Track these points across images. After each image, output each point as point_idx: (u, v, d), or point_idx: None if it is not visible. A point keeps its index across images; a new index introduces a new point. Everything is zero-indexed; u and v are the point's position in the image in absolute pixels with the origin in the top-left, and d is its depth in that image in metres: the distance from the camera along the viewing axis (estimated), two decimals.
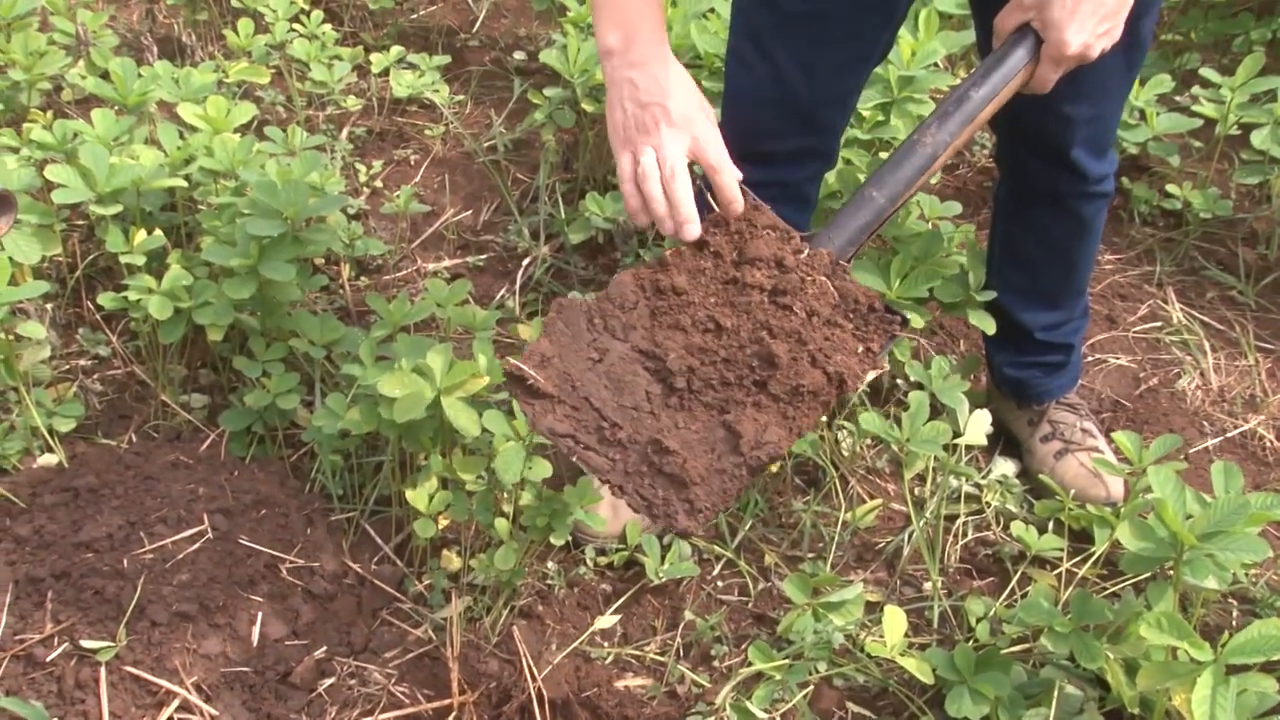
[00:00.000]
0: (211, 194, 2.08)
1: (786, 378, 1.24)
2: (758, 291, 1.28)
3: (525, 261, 2.41)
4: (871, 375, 1.96)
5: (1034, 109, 1.65)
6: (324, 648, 1.63)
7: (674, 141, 1.31)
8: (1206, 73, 2.55)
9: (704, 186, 1.39)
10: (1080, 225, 1.84)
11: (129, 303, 1.86)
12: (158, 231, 1.96)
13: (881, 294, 1.34)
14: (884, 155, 2.18)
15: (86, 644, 1.54)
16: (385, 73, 2.92)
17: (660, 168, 1.31)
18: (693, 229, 1.31)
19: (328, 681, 1.60)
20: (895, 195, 1.35)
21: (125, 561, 1.62)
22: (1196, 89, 2.60)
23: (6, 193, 1.18)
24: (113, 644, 1.54)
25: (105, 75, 2.39)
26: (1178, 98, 2.82)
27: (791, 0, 1.54)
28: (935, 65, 2.25)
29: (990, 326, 1.98)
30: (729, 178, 1.33)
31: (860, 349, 1.28)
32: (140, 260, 1.90)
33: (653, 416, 1.25)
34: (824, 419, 1.34)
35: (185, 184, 2.00)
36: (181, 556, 1.64)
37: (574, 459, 1.26)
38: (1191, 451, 2.09)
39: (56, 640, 1.54)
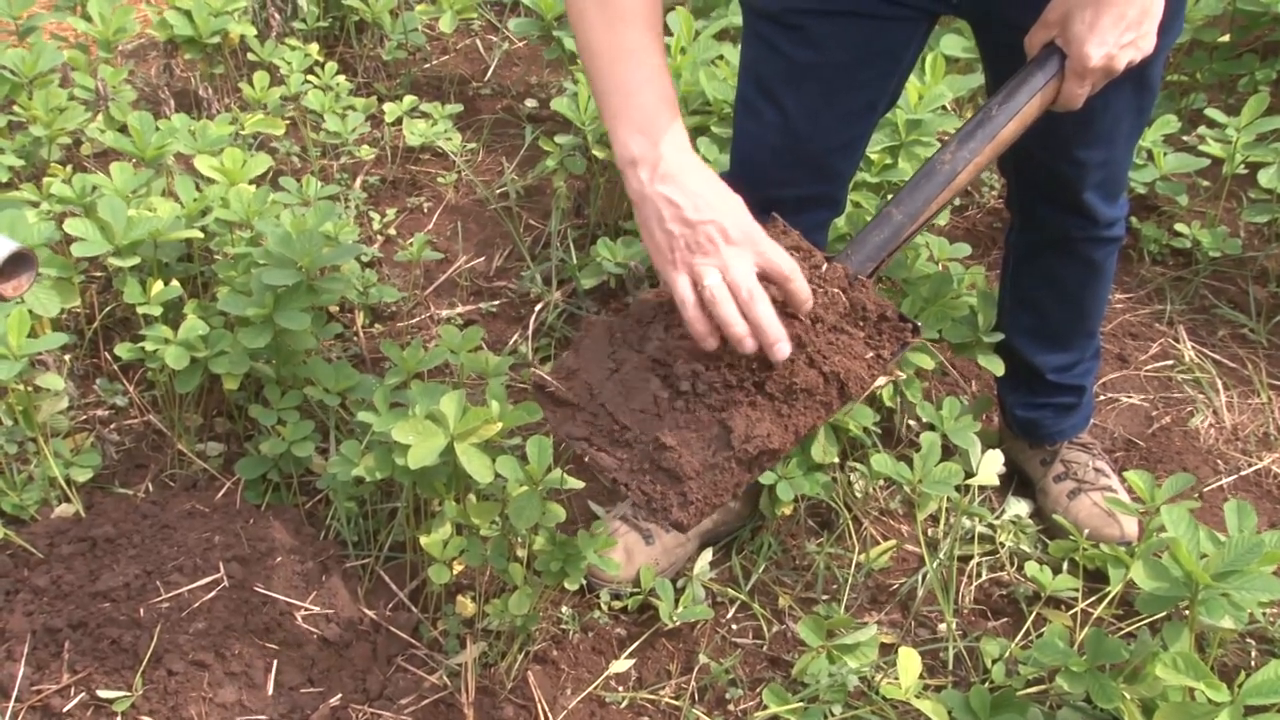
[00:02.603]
0: (227, 244, 2.11)
1: (782, 377, 1.26)
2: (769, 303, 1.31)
3: (538, 307, 2.44)
4: (881, 381, 1.96)
5: (1046, 154, 1.67)
6: (339, 695, 1.63)
7: (741, 260, 1.21)
8: (1212, 113, 2.57)
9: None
10: (1092, 270, 1.85)
11: (146, 353, 1.88)
12: (174, 282, 1.99)
13: (894, 303, 1.34)
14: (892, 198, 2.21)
15: (103, 694, 1.55)
16: (398, 122, 2.97)
17: (735, 291, 1.20)
18: (784, 348, 1.21)
19: None
20: (915, 213, 1.35)
21: (142, 610, 1.64)
22: (1203, 129, 2.62)
23: (28, 251, 1.21)
24: (129, 693, 1.55)
25: (124, 129, 2.43)
26: (1185, 138, 2.85)
27: (800, 50, 1.56)
28: (942, 108, 2.27)
29: (999, 368, 1.99)
30: (800, 282, 1.24)
31: (870, 355, 1.29)
32: (157, 311, 1.93)
33: (658, 418, 1.29)
34: (825, 422, 1.33)
35: (201, 235, 2.03)
36: (197, 605, 1.65)
37: (586, 459, 1.30)
38: (1205, 490, 2.09)
39: (73, 690, 1.55)
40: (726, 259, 1.21)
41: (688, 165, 1.23)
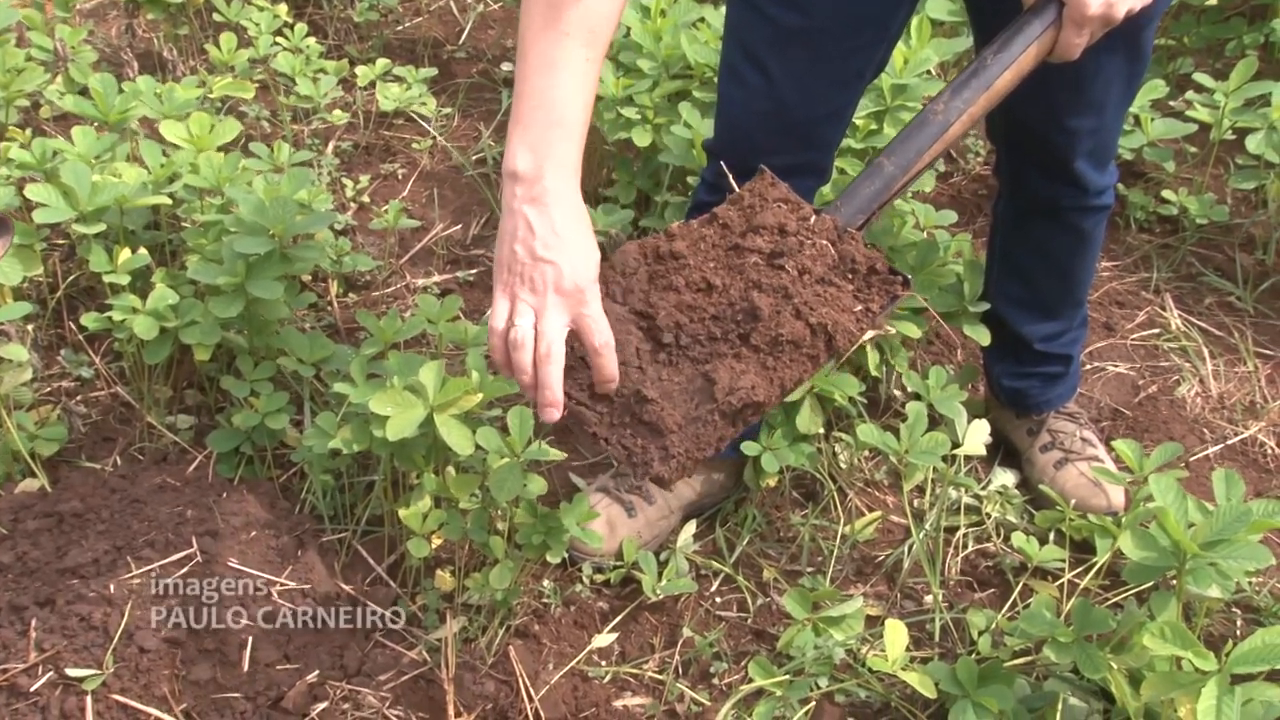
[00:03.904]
0: (196, 212, 2.09)
1: (767, 329, 1.26)
2: (755, 255, 1.30)
3: None
4: (871, 334, 1.96)
5: (1037, 121, 1.67)
6: (316, 671, 1.63)
7: (557, 314, 1.22)
8: (1200, 77, 2.58)
9: (724, 182, 1.40)
10: (1080, 238, 1.85)
11: (113, 323, 1.86)
12: (142, 250, 1.97)
13: (883, 254, 1.33)
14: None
15: (72, 672, 1.53)
16: (371, 86, 2.94)
17: (537, 341, 1.22)
18: (553, 413, 1.22)
19: (321, 706, 1.60)
20: (906, 164, 1.34)
21: (112, 587, 1.62)
22: (1190, 94, 2.63)
23: (4, 216, 1.19)
24: (99, 672, 1.54)
25: (84, 92, 2.39)
26: (1172, 103, 2.85)
27: (786, 14, 1.55)
28: (928, 73, 2.27)
29: (985, 338, 1.99)
30: (610, 359, 1.24)
31: (858, 308, 1.29)
32: (124, 280, 1.91)
33: (640, 371, 1.28)
34: (811, 377, 1.33)
35: (169, 202, 2.01)
36: (170, 581, 1.64)
37: (566, 413, 1.29)
38: (1192, 459, 2.11)
39: (41, 669, 1.54)
40: (547, 306, 1.22)
41: (563, 198, 1.23)
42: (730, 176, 1.40)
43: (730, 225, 1.33)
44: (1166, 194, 2.65)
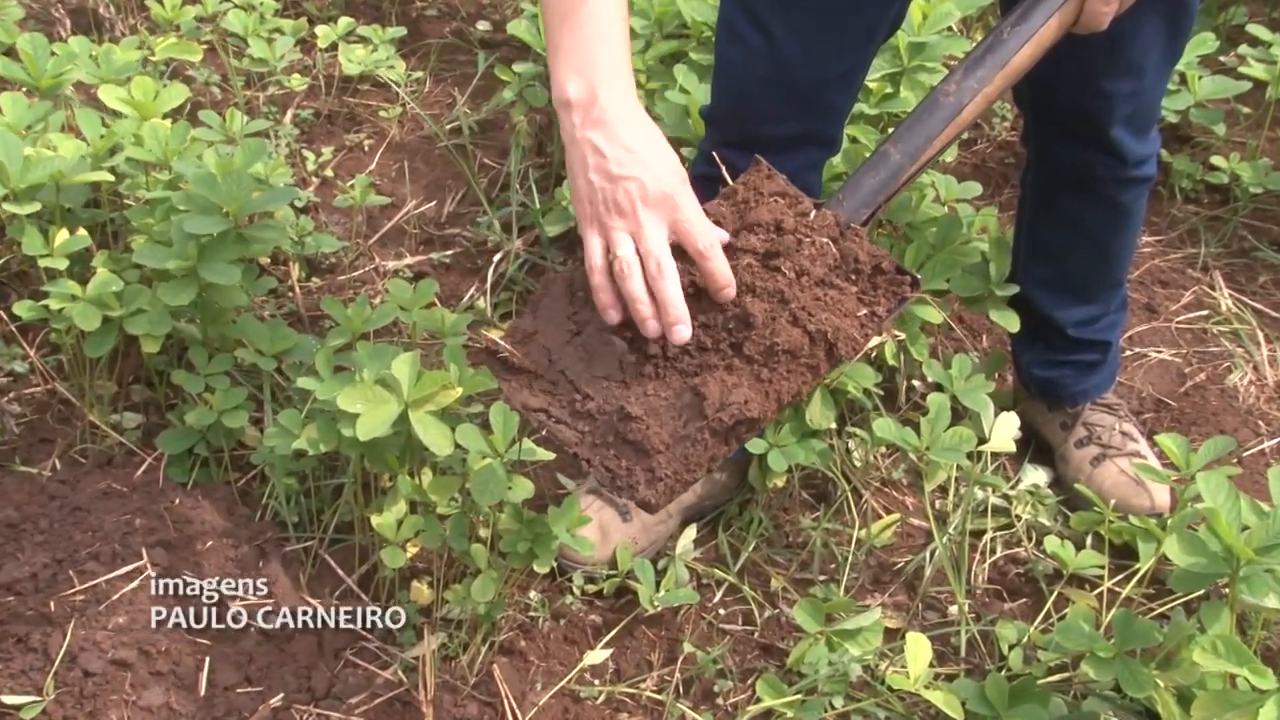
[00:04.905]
0: (141, 188, 2.08)
1: (761, 337, 1.27)
2: (749, 255, 1.30)
3: (496, 257, 2.42)
4: (875, 341, 1.97)
5: (1068, 85, 1.67)
6: (281, 694, 1.63)
7: (655, 228, 1.25)
8: (1255, 29, 2.58)
9: (725, 154, 1.40)
10: (1119, 213, 1.85)
11: (50, 312, 1.85)
12: (81, 231, 1.96)
13: (893, 252, 1.33)
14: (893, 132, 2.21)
15: (8, 699, 1.53)
16: (333, 47, 2.93)
17: (644, 262, 1.25)
18: (684, 330, 1.25)
19: None
20: (915, 152, 1.35)
21: (53, 604, 1.62)
22: (1244, 48, 2.63)
23: None
24: (39, 698, 1.54)
25: (11, 53, 2.38)
26: (1222, 58, 2.85)
27: None
28: (949, 29, 2.27)
29: (1014, 324, 2.00)
30: (719, 263, 1.27)
31: (863, 312, 1.29)
32: (62, 264, 1.90)
33: (623, 385, 1.30)
34: (811, 389, 1.34)
35: (111, 177, 2.00)
36: (117, 597, 1.64)
37: (544, 432, 1.31)
38: (1245, 454, 2.12)
39: None
40: (641, 223, 1.24)
41: (624, 114, 1.26)
42: (724, 168, 1.40)
43: (722, 222, 1.33)
44: (1216, 160, 2.65)
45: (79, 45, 2.25)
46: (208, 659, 1.63)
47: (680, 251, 1.27)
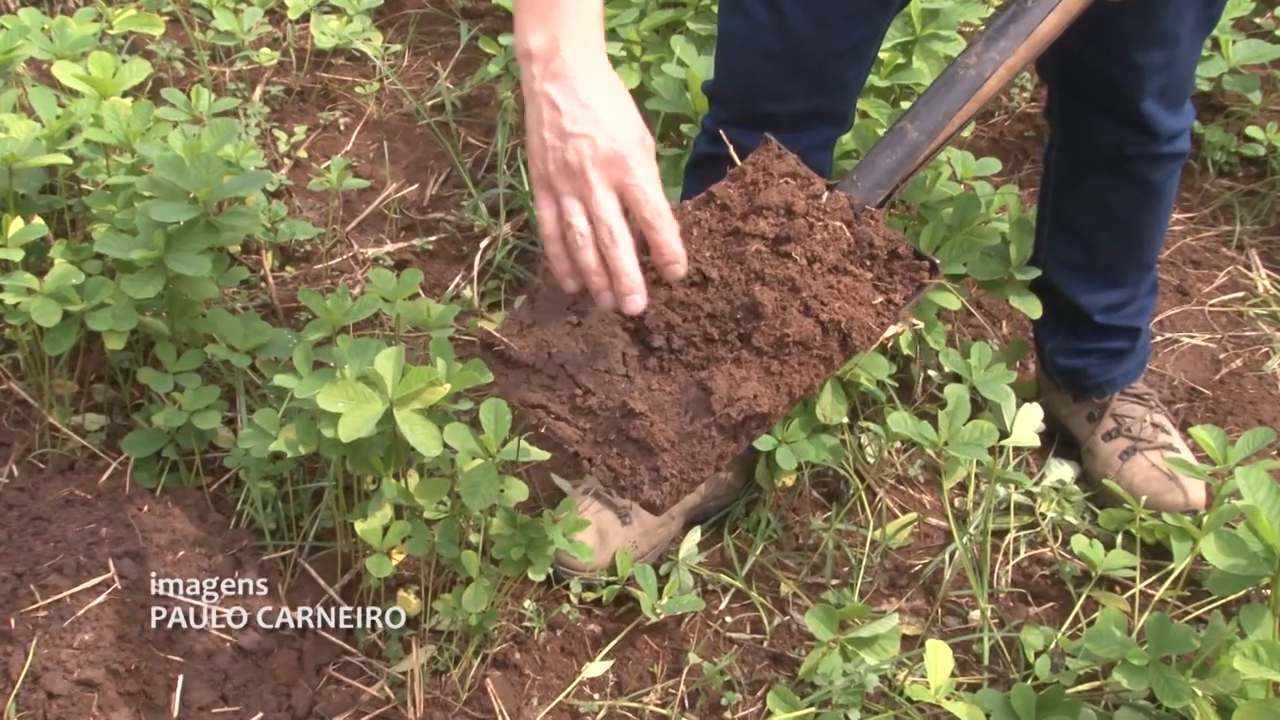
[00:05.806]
0: (102, 172, 2.08)
1: (771, 328, 1.28)
2: (758, 241, 1.31)
3: (483, 243, 2.42)
4: (893, 330, 1.97)
5: (1096, 55, 1.67)
6: (260, 714, 1.64)
7: (603, 192, 1.24)
8: None
9: (729, 131, 1.40)
10: (1148, 192, 1.86)
11: (5, 307, 1.85)
12: (37, 220, 1.96)
13: (909, 236, 1.33)
14: (906, 105, 2.21)
15: None
16: (305, 18, 2.93)
17: (595, 229, 1.24)
18: (638, 300, 1.25)
19: None
20: (933, 129, 1.35)
21: (13, 621, 1.63)
22: None
23: None
24: None
25: None
26: (1258, 20, 2.85)
27: None
28: None
29: (1036, 310, 2.00)
30: (668, 234, 1.26)
31: (879, 300, 1.30)
32: (17, 255, 1.90)
33: (626, 379, 1.30)
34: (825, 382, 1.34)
35: (69, 161, 2.00)
36: (83, 612, 1.65)
37: (543, 430, 1.32)
38: None
39: None
40: (591, 184, 1.23)
41: (586, 69, 1.25)
42: (731, 148, 1.41)
43: (729, 206, 1.34)
44: (1252, 131, 2.65)
45: (30, 18, 2.24)
46: (180, 677, 1.63)
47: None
